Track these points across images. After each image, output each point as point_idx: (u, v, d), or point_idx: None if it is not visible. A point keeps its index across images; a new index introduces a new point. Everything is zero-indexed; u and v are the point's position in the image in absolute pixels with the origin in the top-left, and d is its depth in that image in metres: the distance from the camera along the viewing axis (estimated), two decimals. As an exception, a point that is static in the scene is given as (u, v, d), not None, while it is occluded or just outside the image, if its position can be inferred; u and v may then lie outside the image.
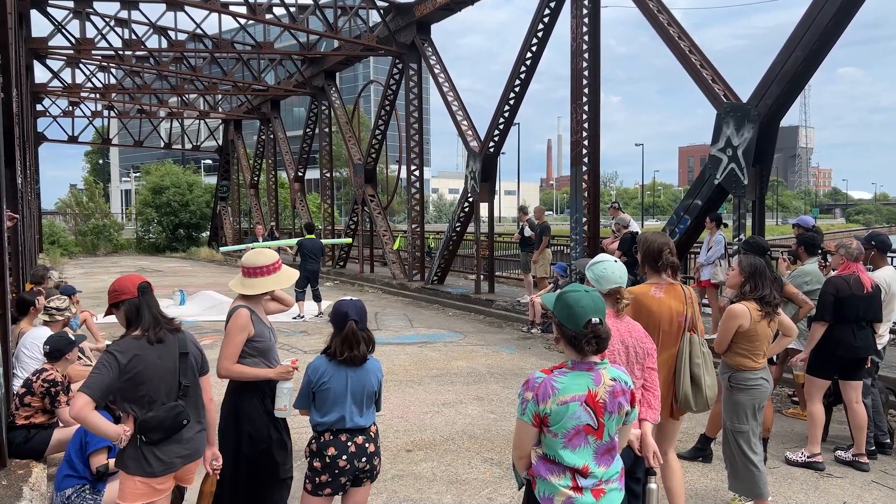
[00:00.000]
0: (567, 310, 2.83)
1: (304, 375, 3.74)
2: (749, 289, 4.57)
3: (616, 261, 3.71)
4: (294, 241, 18.24)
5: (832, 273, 6.00)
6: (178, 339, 3.51)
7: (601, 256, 3.79)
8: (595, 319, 2.78)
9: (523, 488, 2.99)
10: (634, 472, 3.55)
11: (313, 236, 14.54)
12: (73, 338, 5.87)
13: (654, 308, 4.10)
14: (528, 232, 13.64)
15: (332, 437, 3.63)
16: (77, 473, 4.73)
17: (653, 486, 3.52)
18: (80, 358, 7.17)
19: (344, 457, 3.61)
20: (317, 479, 3.64)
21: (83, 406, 3.14)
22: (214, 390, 3.75)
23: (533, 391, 2.79)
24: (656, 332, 4.08)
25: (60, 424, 5.53)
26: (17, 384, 5.89)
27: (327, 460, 3.61)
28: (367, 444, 3.68)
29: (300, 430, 5.00)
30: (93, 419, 3.20)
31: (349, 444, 3.63)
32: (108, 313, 3.55)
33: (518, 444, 2.91)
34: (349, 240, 21.73)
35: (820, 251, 6.90)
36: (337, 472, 3.61)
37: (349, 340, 3.65)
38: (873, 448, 5.86)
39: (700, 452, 5.78)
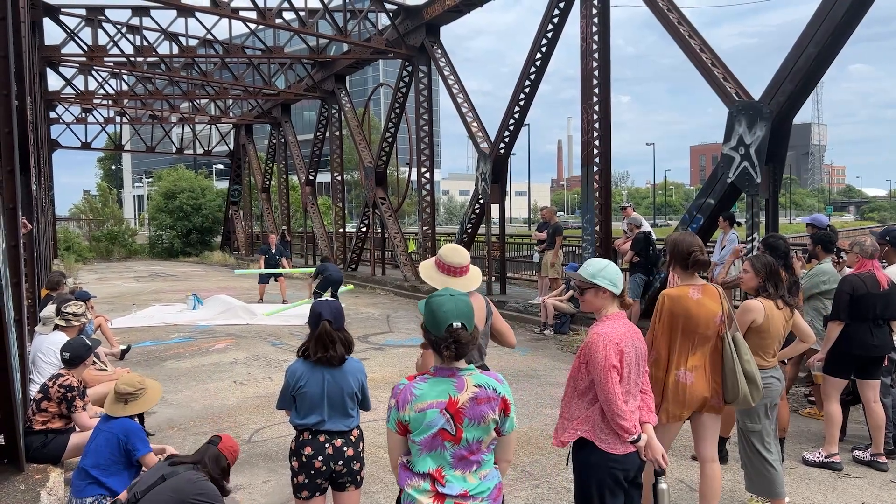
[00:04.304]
0: (431, 315, 2.71)
1: (284, 377, 3.76)
2: (772, 289, 4.55)
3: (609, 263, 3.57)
4: (311, 269, 17.66)
5: (847, 271, 5.94)
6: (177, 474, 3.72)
7: (598, 261, 3.59)
8: (457, 324, 2.65)
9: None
10: (637, 477, 3.43)
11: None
12: (89, 343, 5.91)
13: (693, 310, 4.07)
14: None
15: (310, 437, 3.64)
16: (103, 485, 4.60)
17: (663, 486, 3.48)
18: (94, 363, 7.22)
19: (320, 457, 3.60)
20: (295, 479, 3.65)
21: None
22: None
23: (395, 398, 2.72)
24: (693, 333, 4.07)
25: (77, 429, 5.57)
26: (33, 389, 5.94)
27: (304, 459, 3.61)
28: (345, 448, 3.66)
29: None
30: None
31: (327, 445, 3.62)
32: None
33: (390, 453, 2.84)
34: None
35: (834, 249, 6.84)
36: (313, 472, 3.60)
37: (323, 340, 3.65)
38: (892, 448, 5.80)
39: (715, 453, 5.73)
